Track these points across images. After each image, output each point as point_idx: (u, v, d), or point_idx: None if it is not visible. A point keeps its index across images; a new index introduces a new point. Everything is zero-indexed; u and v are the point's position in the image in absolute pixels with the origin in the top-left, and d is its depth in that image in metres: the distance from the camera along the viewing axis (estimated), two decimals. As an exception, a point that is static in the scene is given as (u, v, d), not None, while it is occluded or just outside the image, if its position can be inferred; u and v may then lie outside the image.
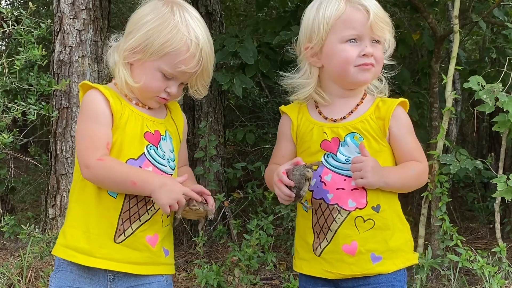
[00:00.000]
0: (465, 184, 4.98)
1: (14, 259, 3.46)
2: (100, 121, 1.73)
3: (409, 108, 1.90)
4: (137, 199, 1.75)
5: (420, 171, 1.83)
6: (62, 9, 3.75)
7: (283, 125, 1.96)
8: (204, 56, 1.76)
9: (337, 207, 1.78)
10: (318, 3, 1.82)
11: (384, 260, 1.78)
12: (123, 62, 1.79)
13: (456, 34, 3.28)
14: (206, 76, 1.82)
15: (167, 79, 1.77)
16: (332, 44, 1.78)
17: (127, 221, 1.75)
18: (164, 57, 1.74)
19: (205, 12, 4.20)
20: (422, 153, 1.86)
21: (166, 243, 1.85)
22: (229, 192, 4.18)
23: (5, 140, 3.39)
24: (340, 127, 1.81)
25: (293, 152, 1.92)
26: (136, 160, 1.76)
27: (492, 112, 3.00)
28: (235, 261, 3.25)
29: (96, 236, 1.74)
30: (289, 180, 1.71)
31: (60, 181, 3.75)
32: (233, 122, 5.33)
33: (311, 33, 1.82)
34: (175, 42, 1.73)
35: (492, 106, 2.87)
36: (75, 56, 3.74)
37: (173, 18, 1.74)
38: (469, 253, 3.07)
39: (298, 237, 1.92)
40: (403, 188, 1.84)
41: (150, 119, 1.82)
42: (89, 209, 1.76)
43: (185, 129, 1.97)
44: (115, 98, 1.77)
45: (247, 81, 3.71)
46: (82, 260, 1.74)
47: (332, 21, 1.77)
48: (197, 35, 1.75)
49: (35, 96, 3.53)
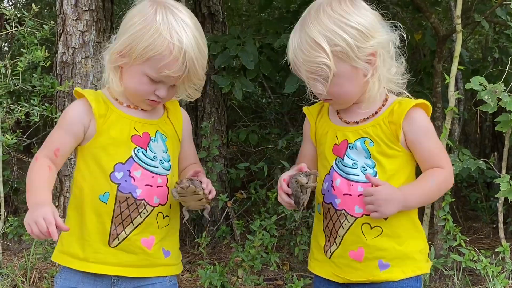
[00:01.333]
0: (468, 183, 4.97)
1: (18, 260, 3.46)
2: (64, 128, 1.78)
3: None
4: (128, 203, 1.75)
5: (442, 179, 1.76)
6: (65, 11, 3.75)
7: (305, 127, 1.95)
8: (189, 60, 1.70)
9: (344, 213, 1.75)
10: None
11: (392, 267, 1.75)
12: (111, 66, 1.79)
13: (459, 34, 3.27)
14: (196, 79, 1.77)
15: (155, 82, 1.74)
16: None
17: (120, 225, 1.76)
18: (148, 62, 1.71)
19: (207, 13, 4.21)
20: (444, 157, 1.79)
21: (167, 244, 1.84)
22: (232, 192, 4.18)
23: (9, 141, 3.40)
24: (351, 131, 1.78)
25: (315, 153, 1.91)
26: (124, 164, 1.76)
27: (495, 112, 2.99)
28: (239, 262, 3.26)
29: (90, 241, 1.77)
30: (287, 188, 1.71)
31: (64, 182, 3.75)
32: (235, 122, 5.33)
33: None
34: (156, 47, 1.68)
35: (495, 106, 2.87)
36: (78, 58, 3.75)
37: (156, 21, 1.69)
38: (472, 253, 3.07)
39: (313, 237, 1.92)
40: (426, 203, 1.82)
41: (140, 121, 1.81)
42: (83, 215, 1.78)
43: (186, 127, 1.94)
44: (100, 103, 1.79)
45: (248, 84, 3.71)
46: (78, 266, 1.78)
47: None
48: (180, 39, 1.68)
49: (38, 97, 3.53)
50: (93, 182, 1.77)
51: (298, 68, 1.73)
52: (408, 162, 1.78)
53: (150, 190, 1.77)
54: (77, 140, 1.79)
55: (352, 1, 1.74)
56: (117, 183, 1.75)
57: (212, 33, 4.19)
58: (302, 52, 1.69)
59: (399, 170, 1.76)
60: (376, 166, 1.74)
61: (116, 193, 1.75)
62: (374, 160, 1.75)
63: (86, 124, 1.77)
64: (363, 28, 1.69)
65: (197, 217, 4.04)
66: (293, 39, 1.73)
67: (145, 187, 1.77)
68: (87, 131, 1.78)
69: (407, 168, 1.78)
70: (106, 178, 1.75)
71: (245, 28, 5.80)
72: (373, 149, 1.75)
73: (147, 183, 1.77)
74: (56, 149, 1.76)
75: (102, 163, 1.76)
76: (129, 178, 1.76)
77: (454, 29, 3.40)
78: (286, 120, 5.02)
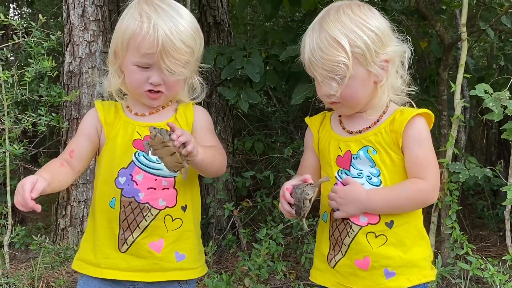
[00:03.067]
0: (474, 191, 4.96)
1: (25, 270, 3.47)
2: (79, 132, 1.88)
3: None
4: (132, 207, 1.77)
5: (417, 190, 1.71)
6: (71, 21, 3.78)
7: (307, 137, 1.95)
8: (161, 34, 1.71)
9: (349, 222, 1.75)
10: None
11: (398, 276, 1.75)
12: (111, 68, 1.86)
13: (464, 42, 3.27)
14: (176, 53, 1.74)
15: (144, 69, 1.77)
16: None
17: (128, 230, 1.78)
18: (129, 48, 1.76)
19: (213, 22, 4.23)
20: (430, 169, 1.73)
21: (181, 247, 1.83)
22: (238, 201, 4.18)
23: (16, 151, 3.43)
24: (353, 141, 1.78)
25: (318, 163, 1.90)
26: (126, 168, 1.79)
27: (501, 119, 2.99)
28: (245, 271, 3.26)
29: (101, 247, 1.80)
30: (290, 197, 1.70)
31: (71, 191, 3.77)
32: (241, 131, 5.34)
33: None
34: (129, 29, 1.74)
35: (500, 114, 2.86)
36: (85, 67, 3.77)
37: (129, 11, 1.79)
38: (480, 261, 3.06)
39: (316, 247, 1.92)
40: (394, 210, 1.74)
41: (143, 125, 1.83)
42: (96, 222, 1.83)
43: (198, 122, 1.89)
44: (109, 112, 1.86)
45: (253, 95, 3.72)
46: (91, 272, 1.81)
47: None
48: (149, 16, 1.73)
49: (45, 107, 3.55)
50: (103, 189, 1.82)
51: (313, 66, 1.72)
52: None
53: (153, 193, 1.78)
54: (92, 143, 1.85)
55: (370, 7, 1.76)
56: (121, 188, 1.78)
57: (218, 42, 4.21)
58: (320, 50, 1.68)
59: (402, 178, 1.76)
60: (381, 175, 1.75)
61: (120, 198, 1.78)
62: (378, 168, 1.75)
63: (99, 129, 1.85)
64: (381, 33, 1.71)
65: (203, 226, 4.04)
66: (311, 38, 1.72)
67: (148, 190, 1.78)
68: (101, 138, 1.85)
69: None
70: (112, 184, 1.79)
71: (250, 37, 5.82)
72: (376, 158, 1.75)
73: (150, 186, 1.78)
74: (71, 150, 1.83)
75: (109, 169, 1.81)
76: (131, 183, 1.78)
77: (459, 37, 3.40)
78: (291, 128, 5.03)
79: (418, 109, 1.77)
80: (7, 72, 3.43)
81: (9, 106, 3.49)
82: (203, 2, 4.24)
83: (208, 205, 3.94)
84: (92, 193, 3.78)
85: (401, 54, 1.78)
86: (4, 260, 3.52)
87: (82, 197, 3.80)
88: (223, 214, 3.79)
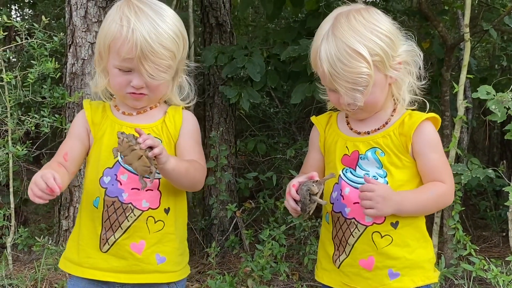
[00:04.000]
0: (477, 192, 4.95)
1: (28, 271, 3.47)
2: (70, 135, 1.89)
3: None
4: (114, 207, 1.77)
5: (442, 193, 1.75)
6: (74, 22, 3.78)
7: (313, 136, 1.95)
8: (140, 38, 1.69)
9: (354, 222, 1.76)
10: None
11: (402, 276, 1.75)
12: (98, 69, 1.87)
13: (467, 43, 3.27)
14: (155, 57, 1.72)
15: (124, 72, 1.77)
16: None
17: (110, 230, 1.78)
18: (110, 51, 1.77)
19: (215, 23, 4.23)
20: (447, 172, 1.77)
21: (162, 250, 1.82)
22: (240, 202, 4.19)
23: (19, 152, 3.43)
24: (362, 141, 1.79)
25: (322, 163, 1.90)
26: (111, 168, 1.80)
27: (503, 120, 2.98)
28: (248, 272, 3.25)
29: (84, 246, 1.81)
30: (296, 194, 1.70)
31: (73, 192, 3.77)
32: (243, 132, 5.34)
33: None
34: (110, 32, 1.74)
35: (503, 115, 2.85)
36: (87, 69, 3.76)
37: (110, 14, 1.79)
38: (483, 262, 3.05)
39: (320, 247, 1.92)
40: (421, 212, 1.77)
41: (130, 125, 1.83)
42: (80, 222, 1.85)
43: (185, 127, 1.89)
44: (97, 111, 1.88)
45: (254, 94, 3.73)
46: (73, 271, 1.83)
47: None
48: (128, 20, 1.71)
49: (48, 108, 3.55)
50: (89, 189, 1.83)
51: (335, 79, 1.68)
52: (417, 173, 1.78)
53: (137, 194, 1.78)
54: (83, 144, 1.86)
55: (376, 10, 1.75)
56: (105, 187, 1.79)
57: (220, 43, 4.21)
58: (341, 63, 1.65)
59: (408, 181, 1.77)
60: (388, 176, 1.75)
61: (103, 197, 1.79)
62: (385, 170, 1.75)
63: (89, 130, 1.87)
64: (393, 36, 1.71)
65: (206, 227, 4.04)
66: (327, 49, 1.67)
67: (131, 190, 1.78)
68: (90, 138, 1.86)
69: (416, 179, 1.79)
70: (97, 183, 1.80)
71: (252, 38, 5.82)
72: (384, 159, 1.76)
73: (134, 186, 1.78)
74: (65, 153, 1.84)
75: (95, 169, 1.82)
76: (116, 182, 1.78)
77: (462, 38, 3.40)
78: (293, 129, 5.02)
79: (426, 114, 1.78)
80: (10, 73, 3.43)
81: (12, 108, 3.49)
82: (205, 3, 4.24)
83: (211, 206, 3.94)
84: (80, 194, 3.77)
85: (411, 53, 1.77)
86: (7, 261, 3.53)
87: (84, 198, 3.80)
88: (226, 215, 3.79)
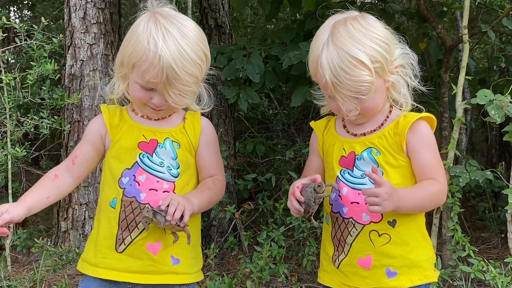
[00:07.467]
0: (476, 193, 4.95)
1: (27, 273, 3.47)
2: (83, 139, 1.91)
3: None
4: (132, 207, 1.78)
5: (437, 191, 1.74)
6: (73, 23, 3.78)
7: (312, 140, 1.97)
8: (166, 65, 1.67)
9: (352, 221, 1.77)
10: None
11: (400, 275, 1.76)
12: (117, 75, 1.85)
13: (466, 44, 3.28)
14: (179, 84, 1.72)
15: (146, 90, 1.76)
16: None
17: (126, 230, 1.78)
18: (134, 69, 1.74)
19: (214, 25, 4.23)
20: (441, 172, 1.77)
21: (176, 252, 1.83)
22: (239, 203, 4.18)
23: (18, 154, 3.43)
24: (358, 143, 1.80)
25: (322, 167, 1.92)
26: (130, 169, 1.81)
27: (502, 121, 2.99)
28: (247, 273, 3.26)
29: (101, 247, 1.82)
30: (300, 195, 1.71)
31: (72, 194, 3.77)
32: (242, 133, 5.34)
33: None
34: (136, 53, 1.71)
35: (502, 117, 2.86)
36: (86, 70, 3.77)
37: (137, 29, 1.73)
38: (481, 264, 3.06)
39: (322, 249, 1.93)
40: (417, 210, 1.76)
41: (150, 129, 1.84)
42: (98, 222, 1.85)
43: (204, 137, 1.90)
44: (115, 115, 1.88)
45: (253, 95, 3.73)
46: (89, 271, 1.83)
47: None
48: (156, 44, 1.67)
49: (47, 110, 3.55)
50: (107, 190, 1.84)
51: (337, 88, 1.68)
52: (411, 173, 1.79)
53: (155, 195, 1.79)
54: (96, 149, 1.88)
55: (371, 16, 1.75)
56: (123, 187, 1.80)
57: (219, 44, 4.21)
58: (344, 72, 1.65)
59: (404, 180, 1.78)
60: (384, 175, 1.76)
61: (121, 197, 1.79)
62: (381, 169, 1.76)
63: (103, 134, 1.87)
64: (389, 41, 1.72)
65: (205, 228, 4.04)
66: (329, 59, 1.67)
67: (149, 191, 1.79)
68: (106, 142, 1.87)
69: (412, 178, 1.80)
70: (115, 184, 1.81)
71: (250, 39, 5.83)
72: (380, 159, 1.77)
73: (152, 187, 1.79)
74: (75, 156, 1.87)
75: (113, 171, 1.82)
76: (134, 183, 1.79)
77: (460, 39, 3.40)
78: (292, 131, 5.03)
79: (421, 113, 1.79)
80: (9, 75, 3.44)
81: (11, 109, 3.49)
82: (204, 4, 4.25)
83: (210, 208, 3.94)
84: (93, 195, 3.79)
85: (406, 55, 1.78)
86: (6, 263, 3.53)
87: (83, 199, 3.81)
88: (225, 216, 3.79)
